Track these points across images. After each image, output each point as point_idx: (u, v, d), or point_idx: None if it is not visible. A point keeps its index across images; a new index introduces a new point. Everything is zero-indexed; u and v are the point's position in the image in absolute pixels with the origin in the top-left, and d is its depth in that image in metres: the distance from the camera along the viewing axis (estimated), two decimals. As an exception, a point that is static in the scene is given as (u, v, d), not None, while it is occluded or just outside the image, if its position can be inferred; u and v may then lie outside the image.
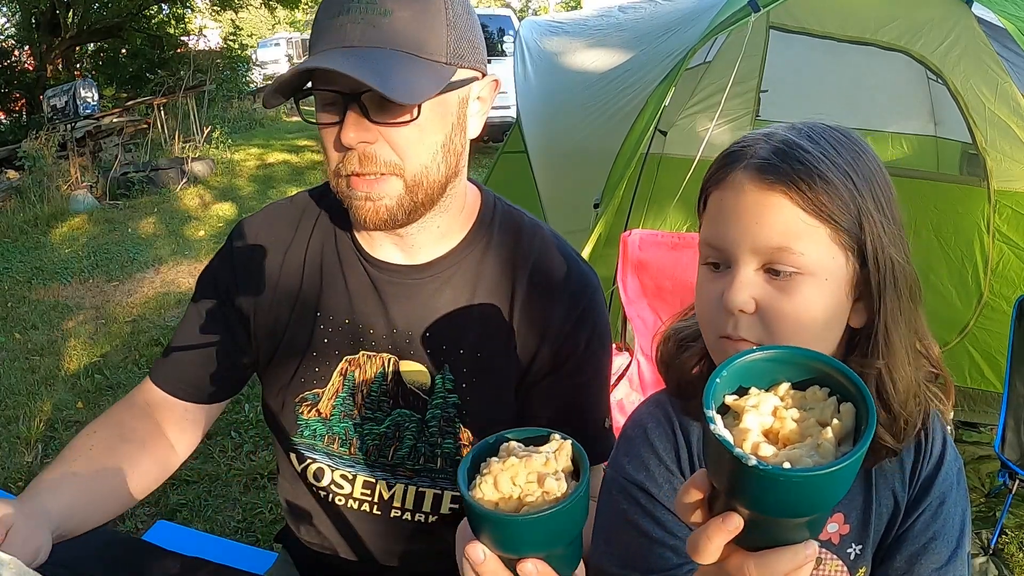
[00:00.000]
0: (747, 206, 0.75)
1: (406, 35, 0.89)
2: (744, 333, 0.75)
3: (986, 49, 2.83)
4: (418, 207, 0.96)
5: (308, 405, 1.09)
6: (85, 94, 9.21)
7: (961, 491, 0.85)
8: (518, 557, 0.62)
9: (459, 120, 0.97)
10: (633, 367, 2.50)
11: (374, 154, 0.91)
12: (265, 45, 26.64)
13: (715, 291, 0.77)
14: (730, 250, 0.76)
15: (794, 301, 0.74)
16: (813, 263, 0.73)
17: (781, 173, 0.73)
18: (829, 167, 0.74)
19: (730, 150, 0.80)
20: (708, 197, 0.80)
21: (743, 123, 3.83)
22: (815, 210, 0.73)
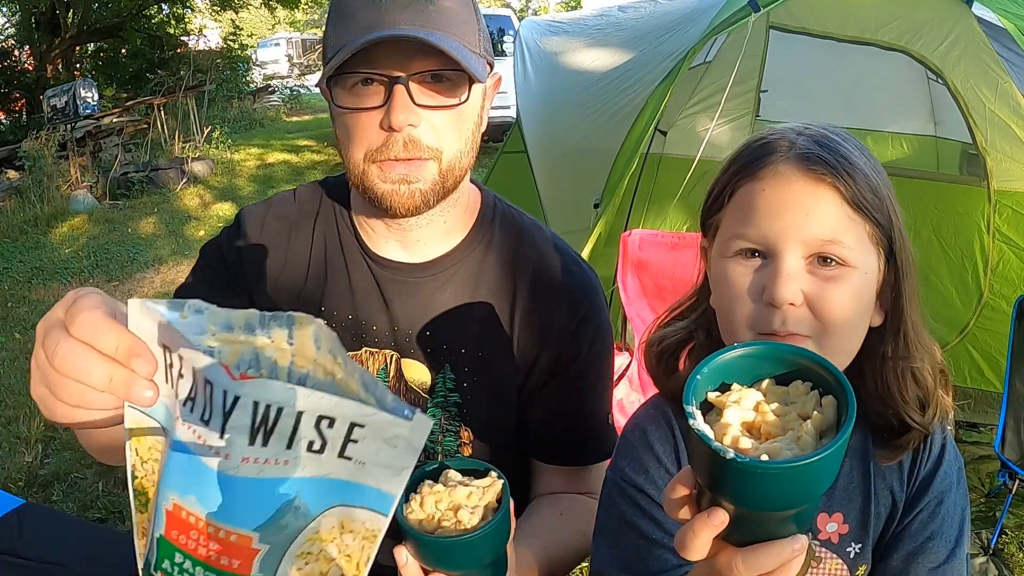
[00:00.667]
0: (795, 197, 0.73)
1: (451, 24, 0.90)
2: (794, 327, 0.73)
3: (986, 49, 2.83)
4: (446, 193, 0.97)
5: None
6: (85, 94, 9.21)
7: (961, 491, 0.85)
8: (431, 570, 0.71)
9: (482, 112, 0.99)
10: (633, 367, 2.50)
11: (418, 138, 0.91)
12: (265, 45, 26.65)
13: (751, 285, 0.75)
14: (773, 242, 0.73)
15: (842, 292, 0.73)
16: (856, 258, 0.73)
17: (829, 165, 0.73)
18: (864, 163, 0.74)
19: (760, 142, 0.78)
20: (736, 190, 0.78)
21: (743, 123, 3.83)
22: (858, 205, 0.73)
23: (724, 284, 0.78)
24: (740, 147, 0.80)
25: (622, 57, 3.35)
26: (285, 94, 15.92)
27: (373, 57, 0.86)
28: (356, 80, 0.90)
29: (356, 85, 0.90)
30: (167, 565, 0.55)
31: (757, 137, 0.79)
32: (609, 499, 0.89)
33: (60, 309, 0.55)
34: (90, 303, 0.54)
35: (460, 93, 0.91)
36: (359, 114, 0.91)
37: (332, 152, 9.70)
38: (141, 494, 0.58)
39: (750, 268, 0.76)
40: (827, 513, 0.84)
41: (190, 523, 0.54)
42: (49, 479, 2.97)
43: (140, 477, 0.57)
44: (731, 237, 0.77)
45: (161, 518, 0.55)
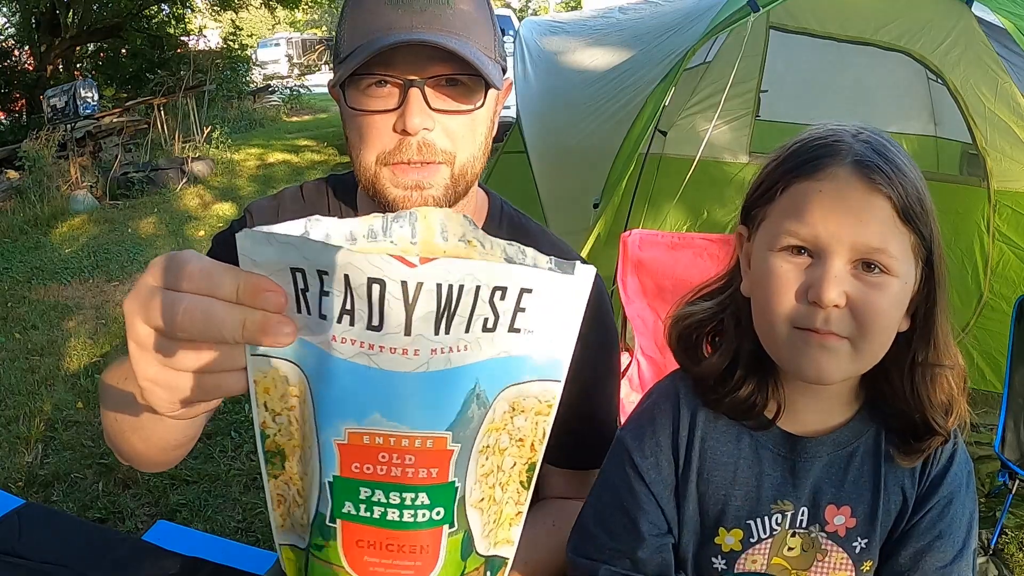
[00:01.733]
0: (851, 202, 0.75)
1: (468, 28, 0.89)
2: (835, 327, 0.75)
3: (986, 49, 2.83)
4: (458, 198, 0.96)
5: None
6: (85, 94, 9.20)
7: (970, 493, 0.87)
8: None
9: (494, 117, 0.99)
10: (633, 367, 2.50)
11: (432, 142, 0.90)
12: (265, 45, 26.63)
13: (797, 282, 0.77)
14: (825, 242, 0.75)
15: (884, 299, 0.75)
16: (899, 267, 0.76)
17: (886, 175, 0.74)
18: (914, 175, 0.76)
19: (820, 142, 0.79)
20: (790, 186, 0.79)
21: (743, 123, 3.83)
22: (907, 216, 0.75)
23: (768, 277, 0.79)
24: (797, 143, 0.81)
25: (622, 57, 3.35)
26: (285, 94, 15.91)
27: (389, 59, 0.86)
28: (370, 81, 0.89)
29: (370, 87, 0.90)
30: (349, 507, 0.51)
31: (815, 136, 0.80)
32: (609, 456, 0.93)
33: (152, 276, 0.48)
34: (189, 255, 0.47)
35: (476, 99, 0.91)
36: (372, 116, 0.90)
37: (332, 152, 9.70)
38: (275, 455, 0.52)
39: (797, 265, 0.77)
40: (835, 505, 0.85)
41: (376, 445, 0.49)
42: (49, 479, 2.97)
43: (272, 435, 0.52)
44: (781, 232, 0.78)
45: (332, 457, 0.50)
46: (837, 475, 0.85)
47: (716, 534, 0.88)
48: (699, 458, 0.88)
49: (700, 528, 0.89)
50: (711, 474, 0.87)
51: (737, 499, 0.86)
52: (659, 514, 0.89)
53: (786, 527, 0.86)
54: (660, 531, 0.89)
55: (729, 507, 0.87)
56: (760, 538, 0.87)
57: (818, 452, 0.85)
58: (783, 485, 0.86)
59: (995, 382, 2.97)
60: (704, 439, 0.88)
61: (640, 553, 0.87)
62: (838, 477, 0.85)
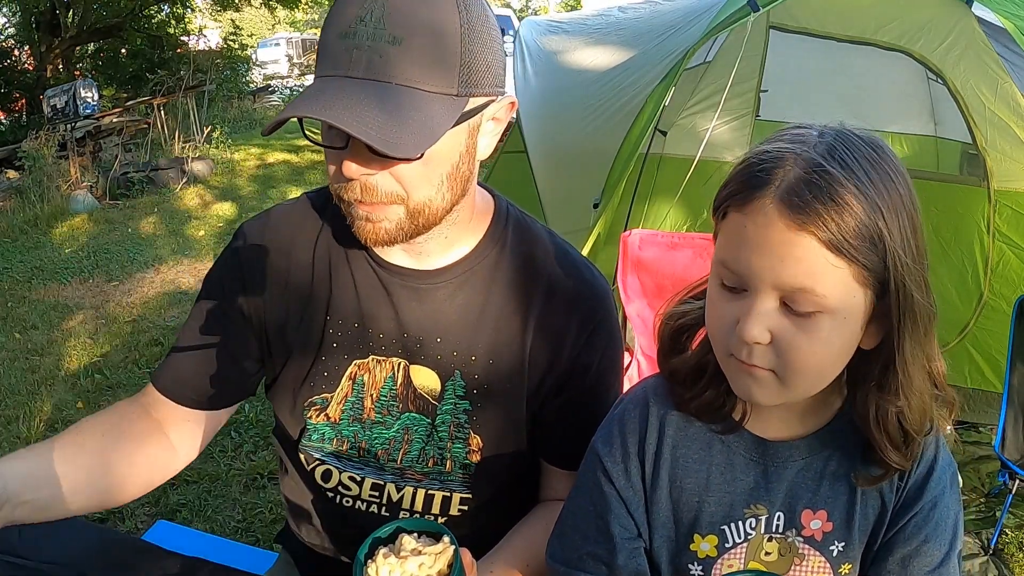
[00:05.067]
0: (773, 241, 0.71)
1: (416, 67, 0.83)
2: (757, 361, 0.75)
3: (986, 49, 2.83)
4: (419, 230, 0.94)
5: (317, 409, 1.07)
6: (85, 94, 9.20)
7: (954, 494, 0.86)
8: None
9: (468, 148, 0.93)
10: (633, 367, 2.50)
11: (375, 185, 0.88)
12: (265, 45, 26.64)
13: (729, 314, 0.76)
14: (749, 279, 0.74)
15: (811, 337, 0.73)
16: (834, 302, 0.72)
17: (812, 213, 0.69)
18: (861, 202, 0.70)
19: (757, 167, 0.74)
20: (728, 212, 0.76)
21: (743, 123, 3.83)
22: (842, 252, 0.70)
23: (711, 307, 0.80)
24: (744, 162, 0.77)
25: (622, 57, 3.35)
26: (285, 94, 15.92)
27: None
28: None
29: None
30: None
31: (757, 155, 0.75)
32: (584, 461, 0.95)
33: None
34: None
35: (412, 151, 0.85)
36: (328, 151, 0.90)
37: (332, 152, 9.69)
38: None
39: (731, 297, 0.76)
40: (811, 510, 0.85)
41: None
42: (49, 479, 2.97)
43: None
44: (718, 262, 0.77)
45: None
46: (813, 480, 0.85)
47: (691, 541, 0.88)
48: (670, 465, 0.88)
49: (675, 535, 0.89)
50: (683, 481, 0.87)
51: (711, 505, 0.87)
52: (629, 519, 0.89)
53: (761, 531, 0.86)
54: (631, 535, 0.89)
55: (703, 513, 0.87)
56: (735, 543, 0.87)
57: (791, 456, 0.85)
58: (756, 490, 0.86)
59: (995, 382, 2.97)
60: (675, 446, 0.88)
61: (616, 559, 0.88)
62: (814, 482, 0.85)
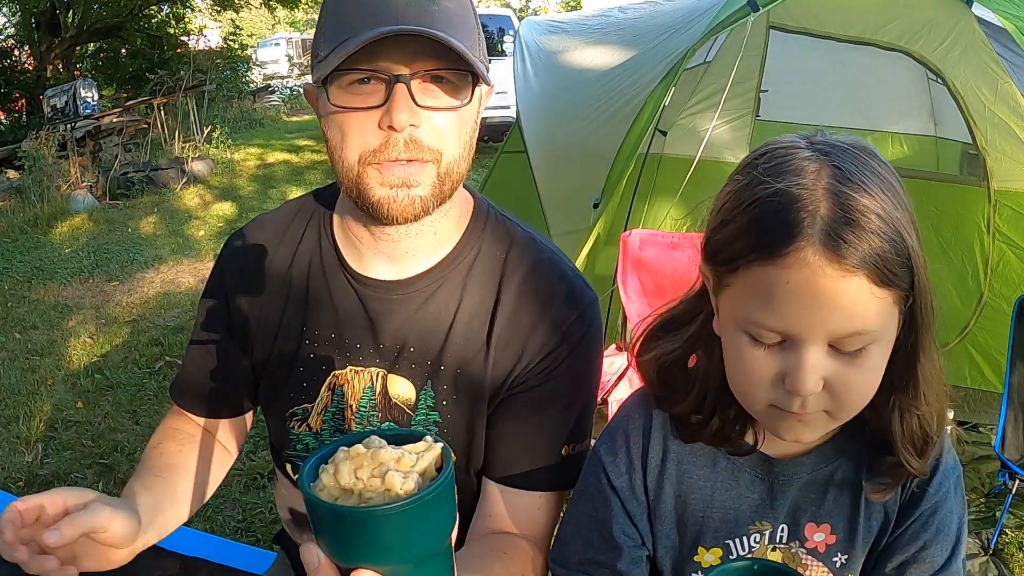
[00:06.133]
0: (823, 292, 0.67)
1: (454, 25, 0.86)
2: (812, 408, 0.72)
3: (986, 49, 2.83)
4: (443, 198, 0.93)
5: (298, 420, 1.07)
6: (85, 94, 9.21)
7: (958, 499, 0.84)
8: (351, 567, 0.54)
9: (478, 117, 0.96)
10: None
11: (419, 139, 0.87)
12: (265, 45, 26.64)
13: (768, 370, 0.72)
14: (798, 333, 0.69)
15: (864, 371, 0.71)
16: (880, 332, 0.70)
17: (861, 252, 0.66)
18: (890, 226, 0.68)
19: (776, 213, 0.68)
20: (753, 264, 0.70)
21: (743, 123, 3.83)
22: (887, 282, 0.68)
23: (739, 358, 0.75)
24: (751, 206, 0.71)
25: (622, 57, 3.34)
26: (285, 94, 15.93)
27: (374, 54, 0.83)
28: (353, 78, 0.86)
29: (353, 84, 0.86)
30: None
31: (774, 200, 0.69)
32: (586, 468, 0.94)
33: None
34: None
35: (463, 95, 0.88)
36: (356, 114, 0.86)
37: (332, 152, 9.69)
38: None
39: (769, 350, 0.72)
40: (815, 523, 0.85)
41: None
42: (49, 479, 2.97)
43: None
44: (748, 318, 0.72)
45: None
46: (817, 494, 0.84)
47: (695, 552, 0.88)
48: (675, 480, 0.87)
49: (679, 546, 0.89)
50: (688, 496, 0.87)
51: (715, 520, 0.86)
52: (632, 528, 0.89)
53: (765, 543, 0.86)
54: (635, 543, 0.89)
55: (707, 528, 0.87)
56: (740, 556, 0.87)
57: (796, 473, 0.84)
58: (761, 507, 0.85)
59: (995, 382, 2.97)
60: (680, 461, 0.87)
61: (619, 564, 0.88)
62: (818, 496, 0.84)
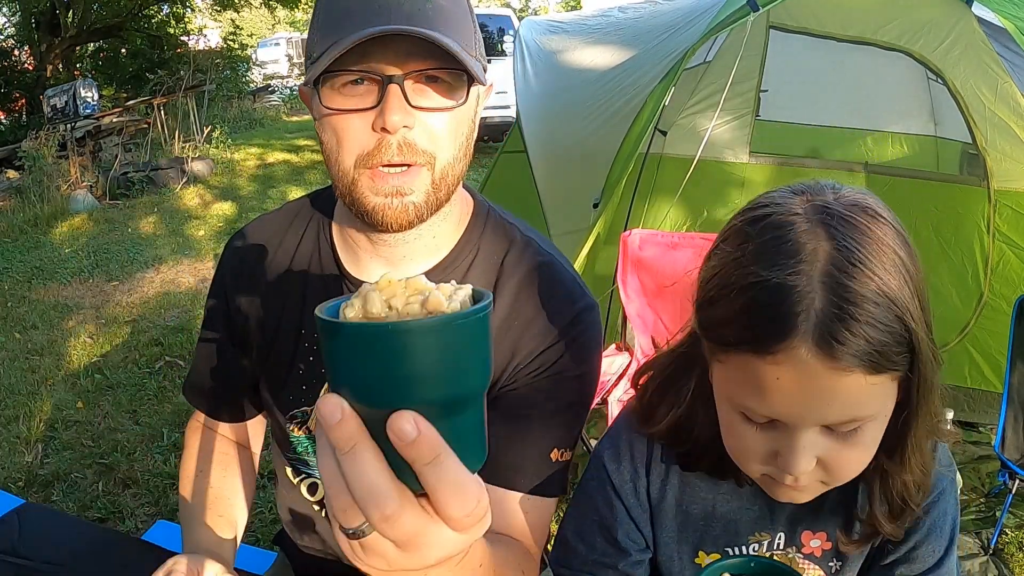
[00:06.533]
0: (816, 388, 0.65)
1: (448, 24, 0.84)
2: (805, 481, 0.72)
3: (986, 49, 2.83)
4: (439, 204, 0.91)
5: (298, 423, 1.07)
6: (85, 94, 9.21)
7: (951, 499, 0.84)
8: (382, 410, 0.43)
9: (475, 118, 0.93)
10: (633, 367, 2.50)
11: (413, 141, 0.85)
12: (265, 45, 26.62)
13: (761, 446, 0.72)
14: (789, 420, 0.69)
15: (858, 448, 0.70)
16: (875, 412, 0.69)
17: (854, 348, 0.63)
18: (890, 312, 0.64)
19: (769, 305, 0.65)
20: (743, 353, 0.68)
21: (743, 122, 3.83)
22: (883, 370, 0.65)
23: (732, 435, 0.75)
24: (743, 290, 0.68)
25: (622, 57, 3.34)
26: (285, 94, 15.93)
27: (366, 55, 0.82)
28: (346, 80, 0.84)
29: (346, 85, 0.85)
30: None
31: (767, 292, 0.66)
32: (588, 471, 0.94)
33: None
34: None
35: (458, 95, 0.86)
36: (350, 116, 0.85)
37: (332, 152, 9.69)
38: None
39: (761, 430, 0.71)
40: (811, 531, 0.86)
41: None
42: (49, 479, 2.97)
43: None
44: (739, 401, 0.71)
45: None
46: (815, 505, 0.84)
47: (696, 555, 0.89)
48: (677, 491, 0.88)
49: (678, 550, 0.90)
50: (690, 506, 0.88)
51: (716, 529, 0.87)
52: (637, 532, 0.90)
53: (763, 551, 0.87)
54: (639, 547, 0.90)
55: (707, 536, 0.88)
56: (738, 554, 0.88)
57: None
58: (761, 519, 0.86)
59: (995, 382, 2.97)
60: (683, 473, 0.88)
61: (624, 567, 0.89)
62: (815, 507, 0.84)
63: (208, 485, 1.15)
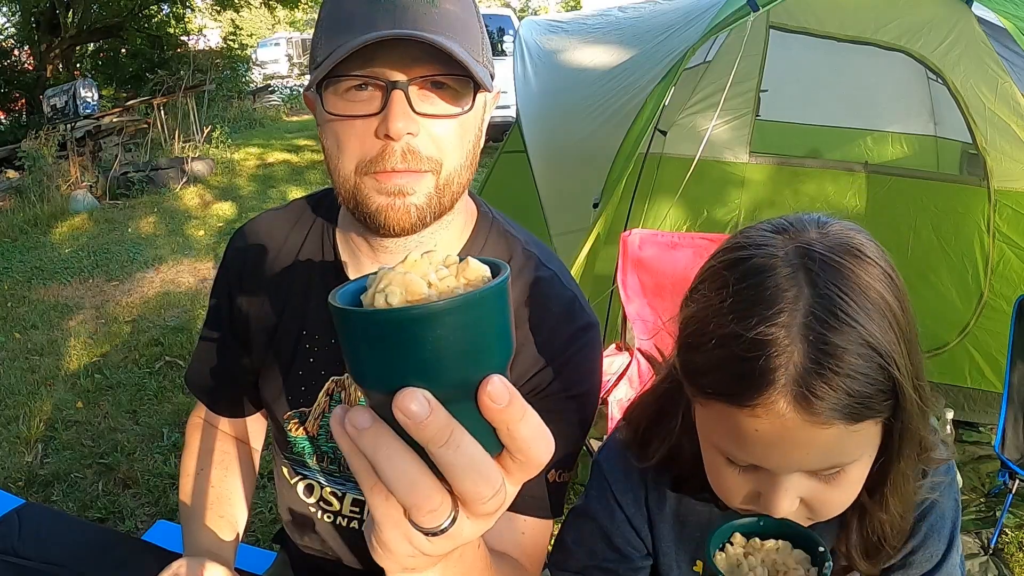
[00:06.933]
0: (793, 439, 0.64)
1: (454, 28, 0.83)
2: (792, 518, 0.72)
3: (986, 49, 2.83)
4: (442, 211, 0.89)
5: (296, 423, 1.07)
6: (85, 94, 9.20)
7: (950, 502, 0.83)
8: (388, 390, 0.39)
9: (482, 126, 0.92)
10: (633, 367, 2.50)
11: (417, 148, 0.83)
12: (265, 45, 26.62)
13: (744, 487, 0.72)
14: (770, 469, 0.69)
15: (840, 487, 0.70)
16: (858, 455, 0.68)
17: (832, 403, 0.62)
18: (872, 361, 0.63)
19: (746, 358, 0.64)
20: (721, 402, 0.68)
21: (743, 122, 3.83)
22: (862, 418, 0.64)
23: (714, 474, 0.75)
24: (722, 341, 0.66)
25: (622, 57, 3.34)
26: (285, 94, 15.92)
27: (370, 59, 0.80)
28: (350, 84, 0.83)
29: (349, 90, 0.83)
30: None
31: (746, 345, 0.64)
32: (591, 480, 0.94)
33: None
34: None
35: (463, 102, 0.84)
36: (353, 121, 0.83)
37: (332, 152, 9.70)
38: None
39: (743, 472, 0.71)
40: None
41: None
42: (49, 479, 2.97)
43: None
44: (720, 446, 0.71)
45: None
46: None
47: (694, 564, 0.90)
48: (674, 504, 0.89)
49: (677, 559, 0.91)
50: (687, 517, 0.89)
51: None
52: (638, 540, 0.91)
53: None
54: (641, 554, 0.91)
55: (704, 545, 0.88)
56: None
57: None
58: None
59: (995, 382, 2.97)
60: None
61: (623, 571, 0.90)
62: None
63: (209, 485, 1.15)
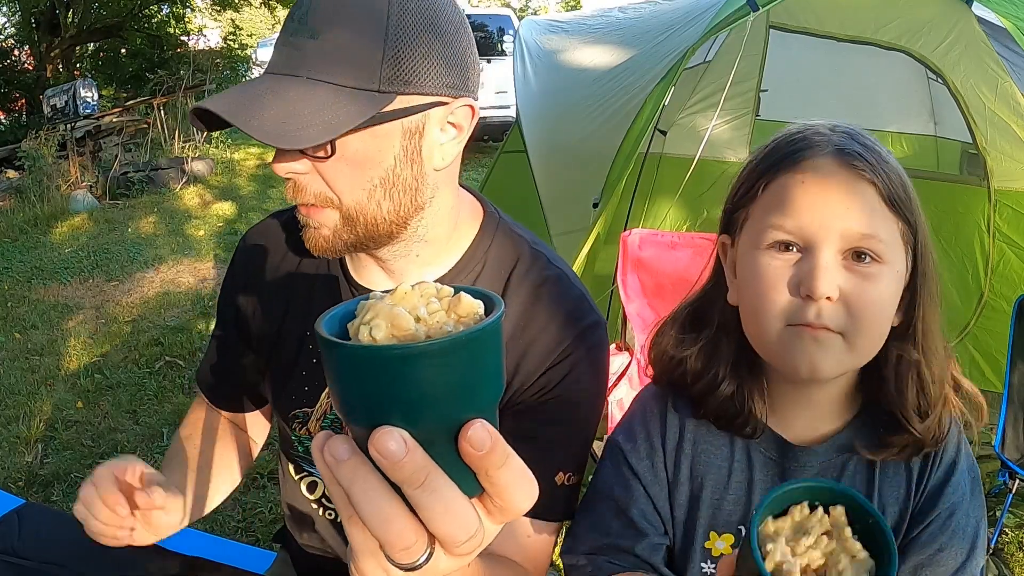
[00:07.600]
0: (836, 192, 0.74)
1: (329, 61, 0.80)
2: (828, 321, 0.74)
3: (986, 49, 2.83)
4: (362, 241, 0.89)
5: (299, 422, 1.08)
6: (85, 94, 9.20)
7: (976, 501, 0.83)
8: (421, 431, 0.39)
9: (408, 153, 0.85)
10: (633, 367, 2.50)
11: (304, 185, 0.86)
12: (265, 45, 26.53)
13: (787, 278, 0.76)
14: (811, 234, 0.74)
15: (877, 289, 0.75)
16: (890, 254, 0.75)
17: (869, 162, 0.74)
18: (897, 165, 0.77)
19: (796, 136, 0.79)
20: (772, 181, 0.78)
21: (743, 122, 3.83)
22: (892, 202, 0.75)
23: (756, 276, 0.78)
24: (774, 141, 0.81)
25: (622, 57, 3.34)
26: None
27: None
28: None
29: None
30: None
31: (791, 132, 0.80)
32: (603, 459, 0.94)
33: None
34: None
35: (316, 149, 0.82)
36: None
37: (332, 152, 9.69)
38: None
39: (786, 261, 0.76)
40: None
41: None
42: (49, 479, 2.97)
43: None
44: (766, 227, 0.77)
45: None
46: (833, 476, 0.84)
47: (707, 538, 0.88)
48: (691, 461, 0.88)
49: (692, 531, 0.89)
50: (705, 478, 0.87)
51: (729, 503, 0.87)
52: (655, 514, 0.89)
53: None
54: (658, 531, 0.89)
55: (721, 511, 0.87)
56: None
57: (809, 462, 0.84)
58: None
59: (995, 382, 2.97)
60: (696, 442, 0.88)
61: (639, 550, 0.87)
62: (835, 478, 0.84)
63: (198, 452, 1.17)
